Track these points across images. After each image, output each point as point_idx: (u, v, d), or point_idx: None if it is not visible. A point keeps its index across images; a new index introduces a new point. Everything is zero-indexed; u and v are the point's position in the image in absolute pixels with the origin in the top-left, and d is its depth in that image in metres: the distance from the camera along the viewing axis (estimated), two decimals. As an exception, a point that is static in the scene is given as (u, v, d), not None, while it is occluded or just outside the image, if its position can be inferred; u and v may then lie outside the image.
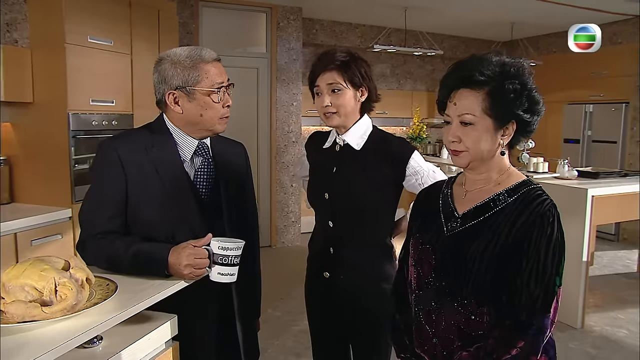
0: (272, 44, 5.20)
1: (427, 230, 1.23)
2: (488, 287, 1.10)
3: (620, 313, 3.68)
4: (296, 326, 3.37)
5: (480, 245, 1.11)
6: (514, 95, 1.09)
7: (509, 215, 1.11)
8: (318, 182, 1.69)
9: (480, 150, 1.12)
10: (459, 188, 1.24)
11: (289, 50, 5.29)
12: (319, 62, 1.60)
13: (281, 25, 5.21)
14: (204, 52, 1.38)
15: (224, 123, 1.42)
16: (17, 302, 0.87)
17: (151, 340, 1.19)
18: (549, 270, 1.05)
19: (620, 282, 4.36)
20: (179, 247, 1.24)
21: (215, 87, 1.36)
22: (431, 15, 5.60)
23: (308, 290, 1.80)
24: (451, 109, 1.14)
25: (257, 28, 5.25)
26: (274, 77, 5.23)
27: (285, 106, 5.36)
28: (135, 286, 1.15)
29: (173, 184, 1.37)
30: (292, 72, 5.33)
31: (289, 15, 5.24)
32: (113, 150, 1.36)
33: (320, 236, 1.70)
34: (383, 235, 1.67)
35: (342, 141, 1.63)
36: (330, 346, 1.78)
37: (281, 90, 5.30)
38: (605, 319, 3.57)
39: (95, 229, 1.33)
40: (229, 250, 1.25)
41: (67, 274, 0.94)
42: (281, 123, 5.36)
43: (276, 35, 5.19)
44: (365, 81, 1.58)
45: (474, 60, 1.14)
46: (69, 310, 0.90)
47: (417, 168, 1.60)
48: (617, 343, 3.22)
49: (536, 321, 1.04)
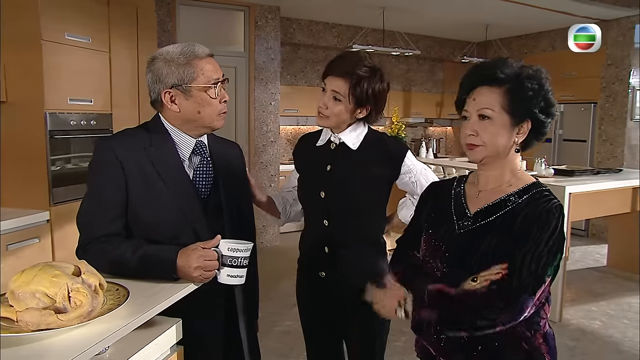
0: (250, 43, 5.15)
1: (438, 226, 1.26)
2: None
3: (594, 305, 3.83)
4: (278, 327, 3.36)
5: (491, 244, 1.15)
6: (532, 94, 1.14)
7: (518, 214, 1.15)
8: (312, 181, 1.67)
9: (497, 145, 1.16)
10: (471, 187, 1.28)
11: (267, 50, 5.25)
12: (339, 62, 1.57)
13: (259, 25, 5.17)
14: (197, 48, 1.36)
15: (221, 119, 1.40)
16: (32, 309, 0.83)
17: (158, 345, 1.16)
18: (544, 259, 1.09)
19: (592, 276, 4.52)
20: (187, 249, 1.21)
21: (211, 82, 1.35)
22: (409, 15, 5.67)
23: (301, 290, 1.79)
24: (470, 105, 1.18)
25: (234, 27, 5.19)
26: (252, 77, 5.19)
27: (263, 106, 5.32)
28: (145, 291, 1.12)
29: (174, 183, 1.34)
30: (270, 71, 5.30)
31: (267, 14, 5.21)
32: (110, 150, 1.32)
33: (314, 235, 1.69)
34: (377, 232, 1.69)
35: (337, 140, 1.63)
36: (324, 344, 1.79)
37: (259, 89, 5.26)
38: (581, 311, 3.70)
39: (97, 232, 1.29)
40: (238, 252, 1.23)
41: (79, 279, 0.91)
42: (259, 123, 5.32)
43: (254, 34, 5.15)
44: (370, 102, 1.57)
45: (495, 61, 1.19)
46: (85, 317, 0.87)
47: (410, 167, 1.63)
48: (593, 334, 3.35)
49: (522, 298, 1.08)
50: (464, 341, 1.17)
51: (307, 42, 6.18)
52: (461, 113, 1.22)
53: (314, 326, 1.79)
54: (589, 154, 5.87)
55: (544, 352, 1.17)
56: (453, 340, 1.18)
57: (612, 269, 4.69)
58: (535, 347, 1.16)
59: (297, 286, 1.80)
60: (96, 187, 1.34)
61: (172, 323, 1.22)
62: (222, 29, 5.20)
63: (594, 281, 4.39)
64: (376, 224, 1.68)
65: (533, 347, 1.16)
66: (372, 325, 1.66)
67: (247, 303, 1.49)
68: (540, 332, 1.18)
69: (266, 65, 5.26)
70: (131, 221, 1.33)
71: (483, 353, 1.16)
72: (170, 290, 1.14)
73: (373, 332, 1.68)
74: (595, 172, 4.18)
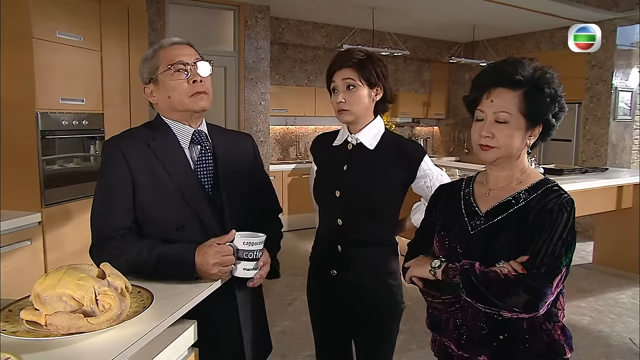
0: (240, 42, 5.12)
1: (450, 228, 1.27)
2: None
3: (583, 302, 3.91)
4: (276, 327, 3.34)
5: (506, 241, 1.16)
6: (549, 100, 1.16)
7: (530, 210, 1.17)
8: (328, 180, 1.68)
9: (511, 147, 1.18)
10: (480, 187, 1.29)
11: (257, 49, 5.23)
12: (336, 61, 1.61)
13: (249, 24, 5.14)
14: (164, 40, 1.42)
15: (198, 99, 1.37)
16: (61, 313, 0.81)
17: (176, 347, 1.15)
18: (558, 249, 1.12)
19: (579, 273, 4.61)
20: (204, 246, 1.22)
21: (169, 65, 1.36)
22: (398, 16, 5.70)
23: (312, 288, 1.79)
24: (487, 106, 1.18)
25: (224, 26, 5.15)
26: (241, 76, 5.15)
27: (253, 105, 5.29)
28: (166, 292, 1.11)
29: (178, 174, 1.36)
30: (260, 71, 5.28)
31: (257, 13, 5.18)
32: (118, 150, 1.35)
33: (327, 234, 1.69)
34: (390, 233, 1.70)
35: (354, 140, 1.63)
36: (333, 343, 1.78)
37: (249, 89, 5.23)
38: (570, 308, 3.76)
39: (111, 229, 1.30)
40: (253, 245, 1.24)
41: (105, 282, 0.89)
42: (249, 123, 5.29)
43: (244, 33, 5.12)
44: (380, 80, 1.59)
45: (510, 61, 1.19)
46: (114, 320, 0.85)
47: (427, 171, 1.63)
48: (583, 329, 3.41)
49: (538, 283, 1.09)
50: (485, 333, 1.18)
51: (296, 42, 6.17)
52: (473, 112, 1.23)
53: (323, 324, 1.78)
54: (574, 153, 5.99)
55: (563, 342, 1.19)
56: (474, 334, 1.19)
57: (598, 265, 4.80)
58: (555, 340, 1.18)
59: (307, 284, 1.80)
60: (106, 186, 1.36)
61: (189, 324, 1.20)
62: (211, 28, 5.16)
63: (582, 278, 4.47)
64: (390, 224, 1.69)
65: (553, 339, 1.18)
66: (382, 325, 1.67)
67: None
68: (559, 323, 1.20)
69: (256, 65, 5.24)
70: (139, 214, 1.35)
71: (504, 346, 1.17)
72: (192, 290, 1.13)
73: (383, 332, 1.68)
74: (583, 171, 4.27)
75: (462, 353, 1.22)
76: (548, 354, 1.17)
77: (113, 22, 3.29)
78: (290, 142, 6.78)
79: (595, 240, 4.99)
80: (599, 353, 3.08)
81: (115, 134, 1.44)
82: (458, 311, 1.22)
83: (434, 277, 1.21)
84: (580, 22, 4.77)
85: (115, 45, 3.31)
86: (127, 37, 3.44)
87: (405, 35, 6.78)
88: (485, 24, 6.12)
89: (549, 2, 4.90)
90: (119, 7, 3.38)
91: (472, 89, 1.24)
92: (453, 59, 6.60)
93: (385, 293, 1.64)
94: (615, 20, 5.51)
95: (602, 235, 4.83)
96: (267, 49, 5.29)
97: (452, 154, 7.87)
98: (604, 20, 5.50)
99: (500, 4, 4.87)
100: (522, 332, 1.17)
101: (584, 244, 5.47)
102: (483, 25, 6.16)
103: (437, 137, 8.18)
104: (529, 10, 5.17)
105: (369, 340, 1.71)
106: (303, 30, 6.17)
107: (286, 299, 3.78)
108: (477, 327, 1.19)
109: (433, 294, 1.25)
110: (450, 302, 1.22)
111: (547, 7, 5.08)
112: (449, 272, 1.17)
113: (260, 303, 1.59)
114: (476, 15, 5.67)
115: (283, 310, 3.49)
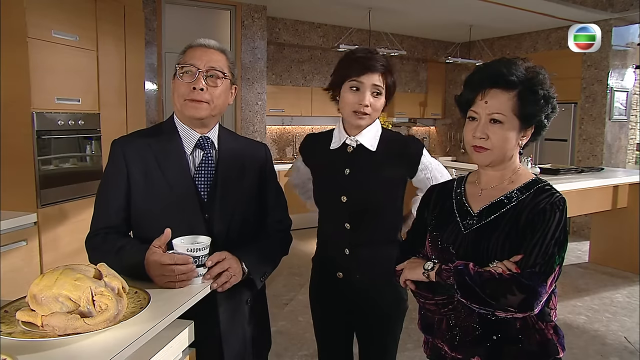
0: (237, 42, 5.12)
1: (443, 228, 1.27)
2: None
3: (578, 301, 3.92)
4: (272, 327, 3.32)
5: (499, 241, 1.17)
6: (543, 102, 1.17)
7: (522, 210, 1.17)
8: (331, 185, 1.65)
9: (505, 148, 1.18)
10: (472, 186, 1.29)
11: (254, 49, 5.22)
12: (365, 59, 1.54)
13: (246, 24, 5.14)
14: (197, 39, 1.39)
15: (191, 106, 1.33)
16: (58, 314, 0.81)
17: (172, 348, 1.14)
18: (551, 248, 1.12)
19: (575, 272, 4.63)
20: (148, 256, 1.17)
21: (182, 64, 1.34)
22: (395, 16, 5.71)
23: (316, 291, 1.78)
24: (481, 106, 1.18)
25: (221, 26, 5.15)
26: (238, 76, 5.15)
27: (249, 105, 5.29)
28: (163, 292, 1.10)
29: (173, 176, 1.35)
30: (256, 71, 5.28)
31: (254, 13, 5.18)
32: (119, 149, 1.37)
33: (334, 238, 1.67)
34: (395, 231, 1.69)
35: (354, 142, 1.61)
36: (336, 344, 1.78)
37: (246, 89, 5.23)
38: (566, 307, 3.78)
39: (98, 227, 1.33)
40: (195, 251, 1.19)
41: (102, 282, 0.89)
42: (246, 122, 5.29)
43: (240, 33, 5.11)
44: (391, 92, 1.60)
45: (504, 62, 1.19)
46: (111, 321, 0.85)
47: (427, 164, 1.64)
48: (579, 328, 3.43)
49: (533, 282, 1.09)
50: (478, 333, 1.18)
51: (293, 42, 6.17)
52: (466, 112, 1.22)
53: (327, 326, 1.78)
54: (570, 153, 6.01)
55: (555, 342, 1.19)
56: (467, 334, 1.19)
57: (594, 264, 4.82)
58: (548, 339, 1.18)
59: (310, 286, 1.79)
60: (103, 184, 1.39)
61: (185, 325, 1.20)
62: (208, 28, 5.16)
63: (578, 277, 4.49)
64: (395, 222, 1.69)
65: (546, 338, 1.18)
66: (388, 324, 1.66)
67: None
68: (552, 323, 1.21)
69: (252, 65, 5.23)
70: (134, 214, 1.35)
71: (497, 346, 1.17)
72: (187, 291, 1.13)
73: (390, 331, 1.68)
74: (579, 170, 4.29)
75: (456, 354, 1.22)
76: (541, 353, 1.17)
77: (109, 21, 3.28)
78: (287, 142, 6.77)
79: (591, 240, 5.01)
80: (595, 352, 3.09)
81: (113, 134, 1.45)
82: (451, 312, 1.22)
83: (428, 280, 1.21)
84: (575, 22, 4.79)
85: (111, 45, 3.29)
86: (123, 37, 3.42)
87: (401, 35, 6.80)
88: (481, 24, 6.13)
89: (545, 2, 4.92)
90: (115, 7, 3.36)
91: (465, 89, 1.23)
92: (449, 59, 6.61)
93: (391, 292, 1.63)
94: (610, 21, 5.53)
95: (597, 235, 4.86)
96: (263, 48, 5.29)
97: (448, 153, 7.89)
98: (599, 20, 5.52)
99: (496, 4, 4.89)
100: (515, 332, 1.17)
101: (580, 244, 5.49)
102: (479, 25, 6.18)
103: (434, 136, 8.19)
104: (525, 11, 5.19)
105: (376, 340, 1.70)
106: (300, 30, 6.17)
107: (283, 299, 3.77)
108: (470, 327, 1.19)
109: (426, 295, 1.24)
110: (444, 303, 1.22)
111: (543, 7, 5.10)
112: (443, 274, 1.16)
113: (262, 301, 1.59)
114: (472, 15, 5.68)
115: (279, 311, 3.49)
